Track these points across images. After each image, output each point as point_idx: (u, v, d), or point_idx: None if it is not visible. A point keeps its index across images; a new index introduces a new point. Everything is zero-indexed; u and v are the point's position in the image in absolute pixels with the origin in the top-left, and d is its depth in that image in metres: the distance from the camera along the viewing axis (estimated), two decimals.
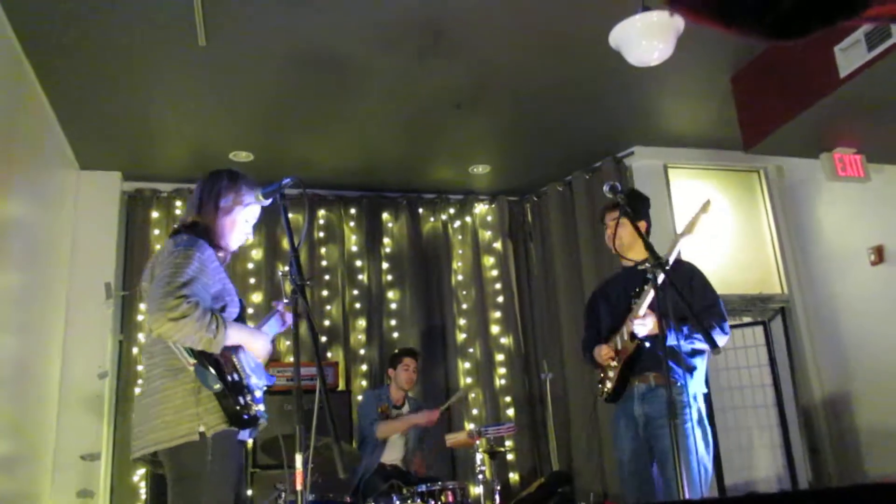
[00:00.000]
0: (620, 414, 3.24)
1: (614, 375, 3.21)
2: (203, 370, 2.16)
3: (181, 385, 2.20)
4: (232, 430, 2.22)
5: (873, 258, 4.75)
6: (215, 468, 2.14)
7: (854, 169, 4.52)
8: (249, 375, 2.31)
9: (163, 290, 2.14)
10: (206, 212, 2.43)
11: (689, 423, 2.99)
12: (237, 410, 2.20)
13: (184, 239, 2.31)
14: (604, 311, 3.38)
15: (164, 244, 2.38)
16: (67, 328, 4.81)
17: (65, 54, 3.79)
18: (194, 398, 2.18)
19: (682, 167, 5.49)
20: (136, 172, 5.23)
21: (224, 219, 2.45)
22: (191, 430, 2.15)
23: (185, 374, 2.20)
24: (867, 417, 4.82)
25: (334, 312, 5.56)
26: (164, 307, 2.10)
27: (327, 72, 4.14)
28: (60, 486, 4.52)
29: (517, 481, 5.45)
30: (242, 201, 2.49)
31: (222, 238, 2.45)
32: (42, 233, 4.41)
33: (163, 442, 2.17)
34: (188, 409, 2.17)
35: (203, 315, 2.13)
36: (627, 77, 4.17)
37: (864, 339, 4.87)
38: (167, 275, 2.18)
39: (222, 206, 2.44)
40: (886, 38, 3.44)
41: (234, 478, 2.25)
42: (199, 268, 2.24)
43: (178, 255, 2.23)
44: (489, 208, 6.12)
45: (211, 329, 2.14)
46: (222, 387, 2.18)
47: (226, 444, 2.20)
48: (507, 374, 5.73)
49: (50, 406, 4.58)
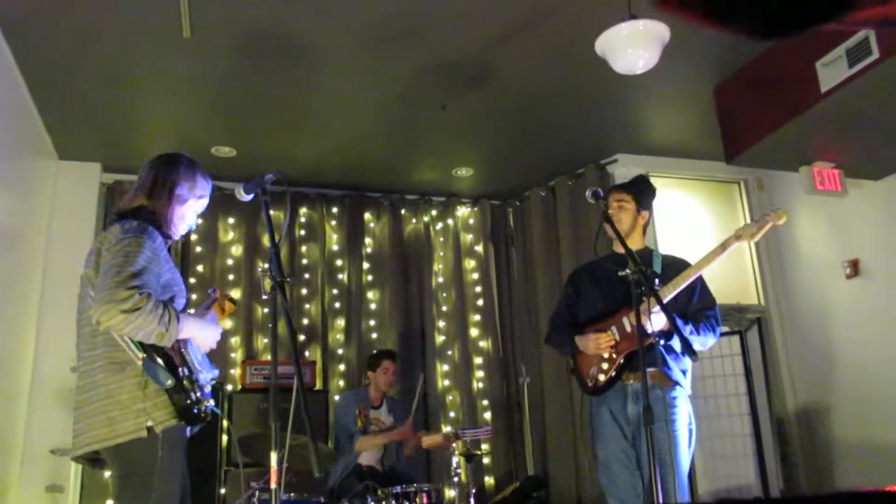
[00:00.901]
0: (605, 411, 3.03)
1: (609, 368, 3.01)
2: (152, 365, 2.08)
3: (126, 379, 2.11)
4: (181, 426, 2.15)
5: (849, 272, 4.82)
6: (165, 464, 2.07)
7: (832, 183, 4.59)
8: (199, 370, 2.24)
9: (113, 280, 2.04)
10: (158, 197, 2.32)
11: (681, 428, 2.93)
12: (188, 405, 2.12)
13: (133, 225, 2.20)
14: (592, 295, 3.18)
15: (110, 229, 2.25)
16: (40, 320, 4.73)
17: (46, 42, 3.73)
18: (141, 393, 2.09)
19: (664, 176, 5.52)
20: (116, 164, 5.17)
21: (176, 207, 2.36)
22: (138, 426, 2.07)
23: (132, 368, 2.11)
24: (839, 428, 4.88)
25: (313, 311, 5.53)
26: (114, 298, 2.00)
27: (313, 69, 4.12)
28: (28, 481, 4.44)
29: (492, 485, 5.45)
30: (197, 191, 2.41)
31: (171, 226, 2.35)
32: (18, 223, 4.34)
33: (107, 439, 2.09)
34: (135, 405, 2.08)
35: (155, 307, 2.05)
36: (612, 85, 4.19)
37: (837, 352, 4.94)
38: (117, 263, 2.08)
39: (177, 193, 2.35)
40: (867, 55, 3.49)
41: (183, 474, 2.17)
42: (151, 257, 2.15)
43: (128, 243, 2.13)
44: (471, 211, 6.12)
45: (164, 322, 2.06)
46: (174, 382, 2.10)
47: (175, 438, 2.13)
48: (485, 377, 5.73)
49: (20, 399, 4.51)
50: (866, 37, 3.49)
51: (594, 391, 3.07)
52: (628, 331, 2.98)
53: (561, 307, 3.33)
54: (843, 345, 4.89)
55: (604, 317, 3.09)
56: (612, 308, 3.06)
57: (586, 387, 3.11)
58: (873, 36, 3.46)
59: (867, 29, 3.41)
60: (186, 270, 5.24)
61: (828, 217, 5.03)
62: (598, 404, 3.07)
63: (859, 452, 4.69)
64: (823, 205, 4.98)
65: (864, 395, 4.69)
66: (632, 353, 2.96)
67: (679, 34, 3.41)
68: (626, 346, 2.99)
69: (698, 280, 3.08)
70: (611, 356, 3.02)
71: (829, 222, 5.05)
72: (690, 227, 5.42)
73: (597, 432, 3.06)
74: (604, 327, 3.06)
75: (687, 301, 3.08)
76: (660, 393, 2.91)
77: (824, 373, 5.02)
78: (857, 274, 4.78)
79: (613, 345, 3.02)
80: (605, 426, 3.02)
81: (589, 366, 3.09)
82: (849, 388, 4.82)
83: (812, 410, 5.11)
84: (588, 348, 3.06)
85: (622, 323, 3.01)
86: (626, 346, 2.99)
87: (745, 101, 4.35)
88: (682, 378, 3.01)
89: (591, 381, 3.07)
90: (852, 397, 4.79)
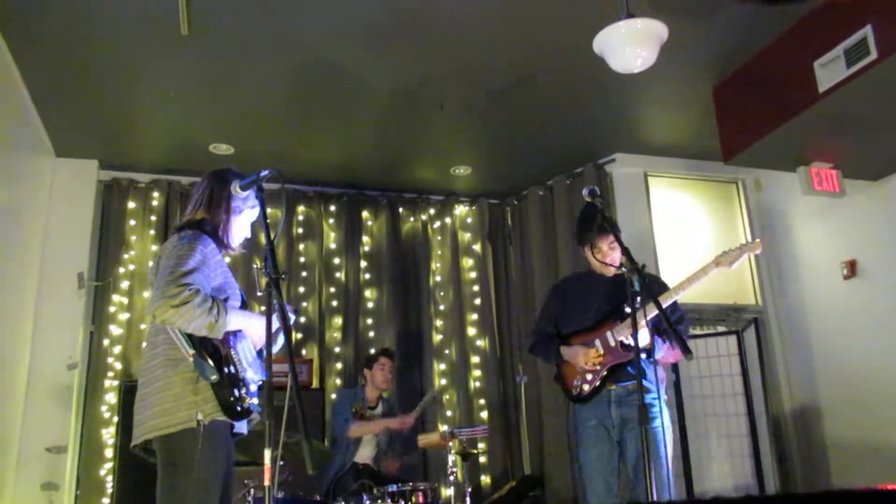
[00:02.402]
0: (591, 416, 3.28)
1: (593, 379, 3.26)
2: (201, 361, 2.24)
3: (180, 375, 2.27)
4: (225, 421, 2.30)
5: (846, 272, 4.82)
6: (205, 456, 2.21)
7: (830, 183, 4.59)
8: (246, 369, 2.38)
9: (166, 280, 2.23)
10: (217, 211, 2.50)
11: (660, 427, 3.08)
12: (230, 402, 2.28)
13: (188, 234, 2.40)
14: (578, 308, 3.40)
15: (169, 239, 2.46)
16: (38, 317, 4.73)
17: (44, 39, 3.73)
18: (192, 387, 2.26)
19: (662, 176, 5.53)
20: (113, 161, 5.16)
21: (234, 219, 2.54)
22: (188, 417, 2.23)
23: (185, 365, 2.28)
24: (836, 428, 4.89)
25: (311, 309, 5.52)
26: (166, 294, 2.19)
27: (310, 67, 4.12)
28: (24, 479, 4.43)
29: (489, 484, 5.45)
30: (249, 203, 2.57)
31: (229, 236, 2.53)
32: (15, 219, 4.33)
33: (161, 428, 2.24)
34: (186, 398, 2.25)
35: (204, 301, 2.22)
36: (610, 84, 4.19)
37: (834, 352, 4.94)
38: (171, 265, 2.27)
39: (233, 206, 2.53)
40: (865, 56, 3.49)
41: (224, 468, 2.30)
42: (202, 260, 2.33)
43: (181, 248, 2.33)
44: (469, 210, 6.12)
45: (212, 314, 2.23)
46: (219, 377, 2.26)
47: (217, 433, 2.27)
48: (481, 376, 5.73)
49: (17, 396, 4.50)
50: (864, 37, 3.49)
51: (578, 399, 3.30)
52: (612, 345, 3.23)
53: (545, 318, 3.54)
54: (840, 345, 4.89)
55: (589, 330, 3.31)
56: (596, 322, 3.30)
57: (571, 395, 3.34)
58: (871, 36, 3.46)
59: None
60: None
61: (825, 218, 5.03)
62: (583, 410, 3.31)
63: (855, 452, 4.69)
64: (821, 205, 4.98)
65: (861, 396, 4.69)
66: (614, 366, 3.22)
67: (677, 33, 3.41)
68: (609, 360, 3.24)
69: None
70: (594, 367, 3.26)
71: (826, 223, 5.05)
72: (688, 227, 5.42)
73: (581, 435, 3.30)
74: (589, 340, 3.29)
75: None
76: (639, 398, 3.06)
77: (821, 373, 5.02)
78: (855, 275, 4.78)
79: (600, 359, 3.25)
80: (589, 429, 3.26)
81: (573, 376, 3.33)
82: (845, 389, 4.82)
83: (808, 410, 5.11)
84: (577, 361, 3.29)
85: (606, 337, 3.25)
86: (609, 359, 3.24)
87: (743, 101, 4.35)
88: (656, 385, 3.20)
89: (576, 391, 3.31)
90: (849, 398, 4.79)
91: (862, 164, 4.58)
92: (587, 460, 3.25)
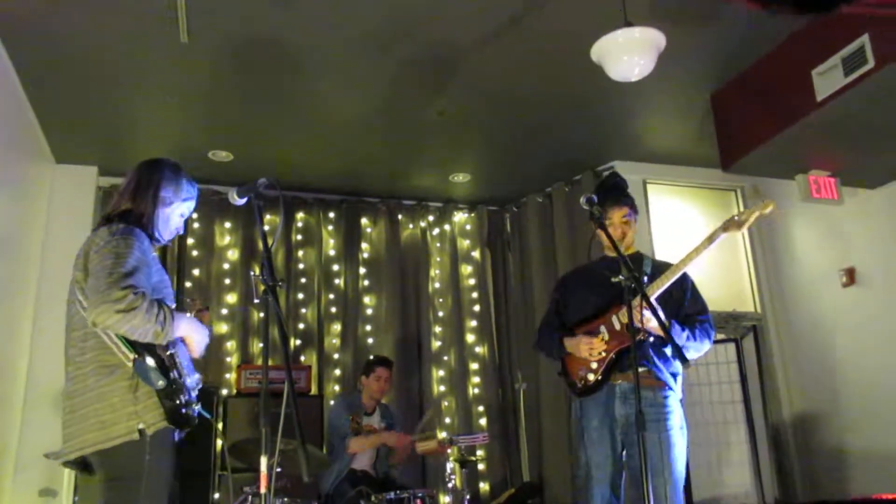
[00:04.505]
0: (593, 413, 2.98)
1: (598, 367, 2.98)
2: (143, 366, 2.09)
3: (117, 382, 2.11)
4: (170, 429, 2.15)
5: (845, 280, 4.82)
6: (153, 467, 2.07)
7: (828, 191, 4.59)
8: (187, 375, 2.23)
9: (106, 281, 2.05)
10: (143, 201, 2.33)
11: (674, 429, 2.88)
12: (177, 408, 2.13)
13: (120, 227, 2.21)
14: (581, 298, 3.15)
15: (97, 232, 2.25)
16: (37, 323, 4.72)
17: (43, 46, 3.74)
18: (132, 395, 2.10)
19: (661, 183, 5.54)
20: (112, 168, 5.15)
21: (161, 210, 2.37)
22: (130, 428, 2.07)
23: (122, 371, 2.12)
24: (835, 436, 4.88)
25: (309, 316, 5.52)
26: (109, 298, 2.01)
27: (310, 74, 4.13)
28: (22, 485, 4.42)
29: (487, 491, 5.44)
30: (181, 194, 2.42)
31: (156, 229, 2.36)
32: (14, 226, 4.34)
33: (100, 442, 2.08)
34: (126, 408, 2.09)
35: (151, 306, 2.06)
36: (609, 91, 4.20)
37: (833, 360, 4.94)
38: (108, 265, 2.08)
39: (161, 196, 2.37)
40: (862, 64, 3.50)
41: (170, 477, 2.16)
42: (141, 258, 2.16)
43: (116, 244, 2.14)
44: (468, 217, 6.12)
45: (160, 320, 2.07)
46: (166, 383, 2.11)
47: (164, 442, 2.13)
48: (480, 383, 5.73)
49: (15, 402, 4.49)
50: (862, 45, 3.51)
51: (583, 392, 3.02)
52: (617, 328, 2.95)
53: (550, 314, 3.30)
54: (839, 353, 4.89)
55: (593, 318, 3.06)
56: (601, 309, 3.03)
57: (575, 388, 3.05)
58: (869, 45, 3.47)
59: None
60: (182, 274, 5.23)
61: (824, 225, 5.04)
62: (587, 406, 3.02)
63: (855, 460, 4.68)
64: (819, 213, 4.98)
65: (860, 404, 4.68)
66: (621, 352, 2.92)
67: (675, 41, 3.42)
68: (615, 344, 2.95)
69: (689, 282, 3.08)
70: (600, 356, 2.98)
71: (825, 230, 5.05)
72: (686, 235, 5.42)
73: (584, 434, 3.00)
74: (593, 328, 3.03)
75: (679, 302, 3.06)
76: (650, 394, 2.87)
77: (820, 381, 5.02)
78: (853, 282, 4.78)
79: (605, 346, 2.98)
80: (592, 429, 2.97)
81: (578, 367, 3.05)
82: (844, 397, 4.82)
83: (807, 418, 5.11)
84: (579, 351, 3.02)
85: (611, 321, 2.98)
86: (615, 343, 2.95)
87: (742, 109, 4.36)
88: (671, 381, 2.96)
89: (581, 382, 3.02)
90: (848, 405, 4.78)
91: (860, 172, 4.59)
92: (589, 464, 2.95)
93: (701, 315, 3.06)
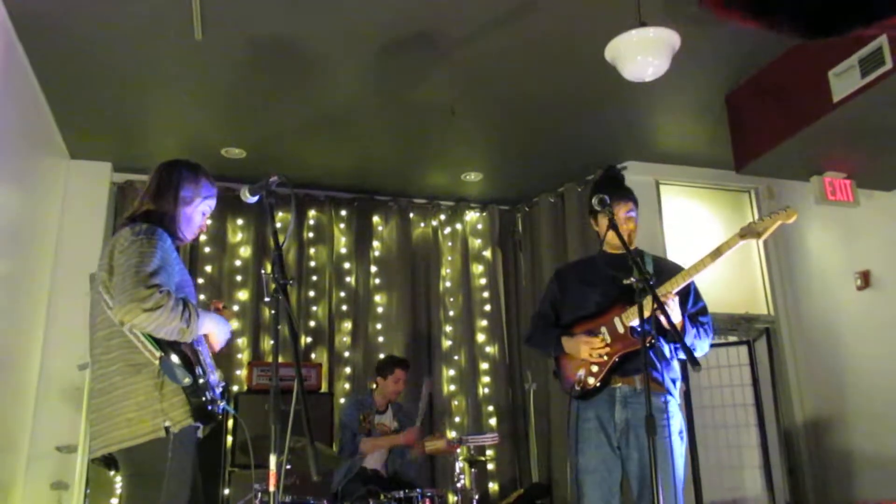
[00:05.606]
0: (592, 416, 2.89)
1: (599, 371, 2.86)
2: (169, 363, 2.12)
3: (143, 381, 2.15)
4: (194, 426, 2.19)
5: (859, 283, 4.78)
6: (175, 465, 2.10)
7: (843, 193, 4.55)
8: (210, 373, 2.27)
9: (132, 280, 2.08)
10: (165, 201, 2.37)
11: (674, 434, 2.81)
12: (203, 404, 2.16)
13: (143, 227, 2.24)
14: (581, 294, 3.01)
15: (120, 232, 2.28)
16: (49, 318, 4.76)
17: (59, 42, 3.76)
18: (158, 393, 2.13)
19: (674, 184, 5.51)
20: (126, 164, 5.19)
21: (183, 209, 2.40)
22: (156, 426, 2.10)
23: (148, 369, 2.15)
24: (847, 440, 4.84)
25: (320, 314, 5.53)
26: (136, 297, 2.05)
27: (323, 73, 4.14)
28: (34, 478, 4.46)
29: (496, 491, 5.43)
30: (202, 193, 2.45)
31: (179, 228, 2.40)
32: (28, 221, 4.37)
33: (127, 440, 2.11)
34: (152, 406, 2.12)
35: (176, 304, 2.10)
36: (623, 92, 4.18)
37: (846, 363, 4.89)
38: (133, 264, 2.12)
39: (182, 196, 2.40)
40: (880, 66, 3.47)
41: (192, 474, 2.19)
42: (164, 257, 2.19)
43: (140, 244, 2.17)
44: (480, 216, 6.11)
45: (185, 318, 2.12)
46: (192, 380, 2.14)
47: (187, 440, 2.16)
48: (491, 382, 5.72)
49: (28, 396, 4.53)
50: (879, 46, 3.47)
51: (581, 395, 2.91)
52: (620, 332, 2.84)
53: (545, 306, 3.16)
54: (853, 357, 4.85)
55: (593, 317, 2.94)
56: (602, 308, 2.92)
57: (572, 390, 2.93)
58: (887, 46, 3.44)
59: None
60: (195, 271, 5.26)
61: (839, 228, 5.00)
62: (585, 408, 2.92)
63: (867, 465, 4.64)
64: (834, 215, 4.94)
65: (873, 408, 4.64)
66: (624, 356, 2.83)
67: (689, 41, 3.40)
68: (618, 347, 2.84)
69: (691, 282, 2.96)
70: (600, 359, 2.87)
71: (839, 233, 5.01)
72: (699, 236, 5.39)
73: (580, 437, 2.90)
74: (594, 328, 2.91)
75: (682, 304, 2.96)
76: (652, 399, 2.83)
77: (833, 384, 4.98)
78: (868, 285, 4.74)
79: (606, 347, 2.86)
80: (589, 431, 2.88)
81: (576, 368, 2.92)
82: (857, 401, 4.77)
83: (820, 422, 5.07)
84: (579, 352, 2.89)
85: (613, 324, 2.87)
86: (618, 346, 2.84)
87: (756, 110, 4.32)
88: (672, 386, 2.88)
89: (579, 385, 2.90)
90: (861, 409, 4.74)
91: (876, 174, 4.54)
92: (583, 469, 2.85)
93: (702, 316, 3.00)
